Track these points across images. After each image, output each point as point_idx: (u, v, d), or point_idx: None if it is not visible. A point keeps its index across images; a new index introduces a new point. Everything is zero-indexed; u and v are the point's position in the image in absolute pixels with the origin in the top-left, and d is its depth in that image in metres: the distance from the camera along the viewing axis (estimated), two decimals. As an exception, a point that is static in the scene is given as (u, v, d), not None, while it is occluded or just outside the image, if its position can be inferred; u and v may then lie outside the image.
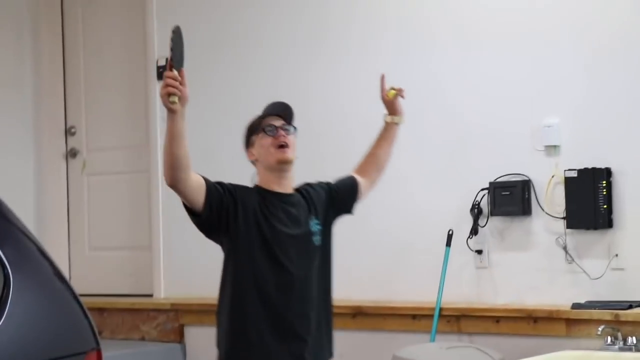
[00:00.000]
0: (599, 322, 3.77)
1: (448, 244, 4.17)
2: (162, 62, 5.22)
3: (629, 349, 3.61)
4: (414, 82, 4.52)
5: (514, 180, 4.09)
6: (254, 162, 2.88)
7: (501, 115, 4.34)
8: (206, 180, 2.67)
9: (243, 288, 2.74)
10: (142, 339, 5.26)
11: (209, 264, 4.92)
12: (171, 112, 2.50)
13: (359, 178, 3.07)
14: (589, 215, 3.96)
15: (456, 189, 4.38)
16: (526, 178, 4.11)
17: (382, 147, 3.11)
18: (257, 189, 2.82)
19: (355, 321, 4.63)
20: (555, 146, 4.16)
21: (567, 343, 3.93)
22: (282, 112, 2.83)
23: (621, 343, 3.63)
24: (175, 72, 2.49)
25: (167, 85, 2.47)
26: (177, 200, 5.43)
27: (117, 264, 5.71)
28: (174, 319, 5.25)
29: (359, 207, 3.41)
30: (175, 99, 2.47)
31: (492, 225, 4.18)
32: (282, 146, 2.75)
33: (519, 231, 4.17)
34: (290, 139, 2.81)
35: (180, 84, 2.48)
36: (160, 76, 5.25)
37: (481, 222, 4.13)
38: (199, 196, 2.64)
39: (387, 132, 3.10)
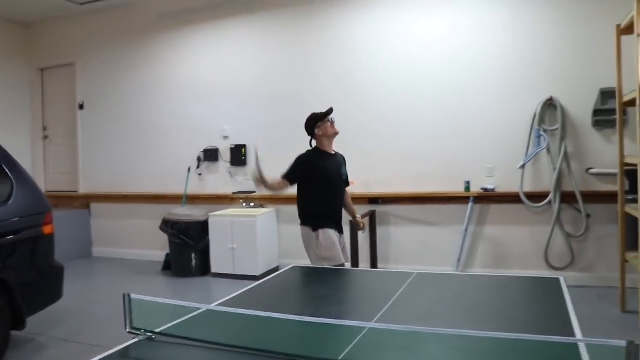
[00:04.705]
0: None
1: (189, 171, 7.69)
2: None
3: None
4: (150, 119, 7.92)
5: (213, 149, 7.29)
6: (315, 135, 4.15)
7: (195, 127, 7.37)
8: (291, 179, 4.09)
9: (317, 192, 4.12)
10: (73, 208, 8.42)
11: (109, 173, 8.31)
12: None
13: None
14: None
15: (192, 152, 7.63)
16: (217, 148, 7.21)
17: None
18: (318, 150, 4.14)
19: (158, 200, 7.81)
20: (227, 136, 7.27)
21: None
22: (331, 113, 4.15)
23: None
24: (258, 174, 3.96)
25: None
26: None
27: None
28: (86, 200, 8.42)
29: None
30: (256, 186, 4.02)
31: (205, 165, 7.46)
32: (333, 129, 4.18)
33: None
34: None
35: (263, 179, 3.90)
36: None
37: (201, 164, 7.51)
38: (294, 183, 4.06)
39: None
